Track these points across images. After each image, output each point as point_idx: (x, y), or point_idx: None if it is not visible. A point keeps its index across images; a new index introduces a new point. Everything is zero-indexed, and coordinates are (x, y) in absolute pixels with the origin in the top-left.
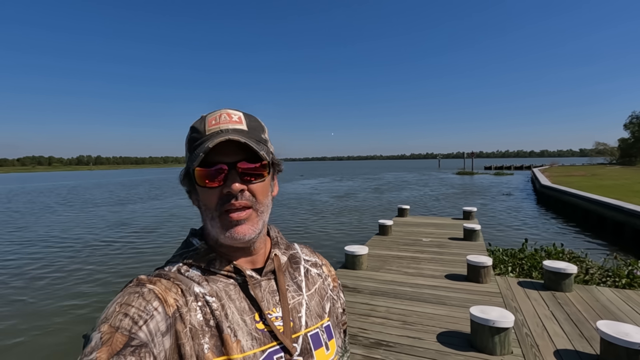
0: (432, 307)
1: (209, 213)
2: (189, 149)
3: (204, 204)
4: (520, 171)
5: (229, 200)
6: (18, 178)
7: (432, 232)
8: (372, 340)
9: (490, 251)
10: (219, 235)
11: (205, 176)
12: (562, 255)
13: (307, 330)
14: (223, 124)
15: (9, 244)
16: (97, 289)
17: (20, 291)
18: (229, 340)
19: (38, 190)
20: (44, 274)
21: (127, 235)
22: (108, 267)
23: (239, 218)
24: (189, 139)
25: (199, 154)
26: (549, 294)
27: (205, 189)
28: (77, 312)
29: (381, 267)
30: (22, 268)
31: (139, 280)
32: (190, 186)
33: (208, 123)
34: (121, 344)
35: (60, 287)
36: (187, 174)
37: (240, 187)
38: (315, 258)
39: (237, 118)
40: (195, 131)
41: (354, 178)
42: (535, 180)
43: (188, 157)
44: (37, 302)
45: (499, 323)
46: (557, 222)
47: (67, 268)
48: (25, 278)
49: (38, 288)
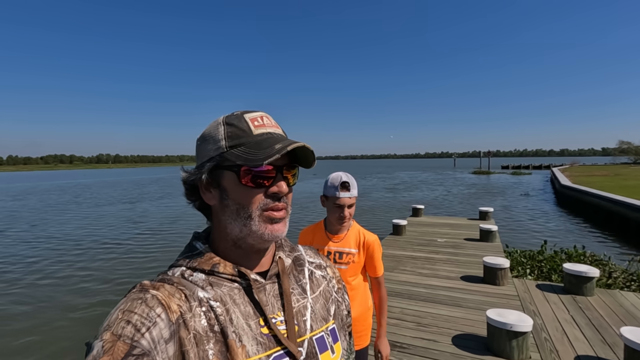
0: (448, 308)
1: (246, 212)
2: (229, 146)
3: (241, 203)
4: (539, 171)
5: (273, 201)
6: (41, 176)
7: (447, 232)
8: None
9: (507, 253)
10: (254, 234)
11: (258, 176)
12: (584, 258)
13: (312, 333)
14: (268, 127)
15: (20, 241)
16: (104, 287)
17: (26, 290)
18: (234, 346)
19: (59, 187)
20: (56, 272)
21: (138, 235)
22: (115, 267)
23: (280, 217)
24: (227, 134)
25: (268, 153)
26: (569, 298)
27: (249, 188)
28: (81, 316)
29: (395, 268)
30: (37, 265)
31: (142, 285)
32: (213, 183)
33: (251, 123)
34: (122, 353)
35: (72, 286)
36: (215, 171)
37: (287, 190)
38: (319, 259)
39: (274, 123)
40: (234, 127)
41: (367, 177)
42: (554, 180)
43: (223, 152)
44: (45, 301)
45: (516, 327)
46: (578, 224)
47: (76, 266)
48: (43, 274)
49: (48, 285)
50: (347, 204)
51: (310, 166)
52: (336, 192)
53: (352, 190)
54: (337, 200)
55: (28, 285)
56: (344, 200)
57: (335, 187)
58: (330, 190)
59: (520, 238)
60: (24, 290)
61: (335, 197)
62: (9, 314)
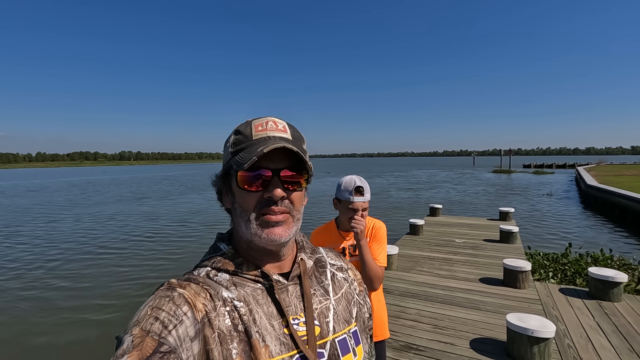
0: (466, 311)
1: (246, 215)
2: (233, 152)
3: (242, 206)
4: (563, 170)
5: (268, 205)
6: (66, 172)
7: (466, 232)
8: (402, 343)
9: (529, 255)
10: (255, 236)
11: (249, 180)
12: (611, 262)
13: (334, 335)
14: (270, 131)
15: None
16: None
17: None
18: (257, 345)
19: (86, 182)
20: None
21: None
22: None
23: (277, 220)
24: (233, 141)
25: (250, 157)
26: (595, 303)
27: (245, 191)
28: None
29: (412, 268)
30: (58, 261)
31: (170, 284)
32: (225, 187)
33: (254, 128)
34: (151, 349)
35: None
36: (225, 175)
37: (281, 194)
38: (340, 262)
39: (282, 127)
40: (240, 134)
41: (383, 175)
42: (579, 179)
43: (230, 159)
44: (68, 296)
45: (538, 332)
46: (605, 226)
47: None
48: (60, 271)
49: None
50: (362, 208)
51: (303, 170)
52: (350, 197)
53: (366, 195)
54: (350, 205)
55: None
56: (357, 205)
57: (349, 192)
58: (343, 194)
59: (542, 240)
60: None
61: (348, 202)
62: (40, 306)
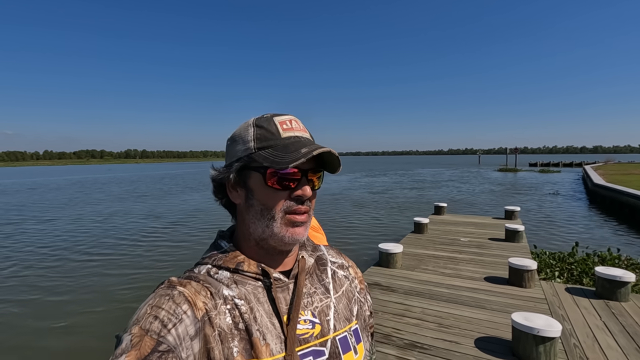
0: (471, 310)
1: (270, 214)
2: (258, 147)
3: (265, 204)
4: (570, 168)
5: (295, 205)
6: (72, 170)
7: (471, 231)
8: (407, 342)
9: (535, 254)
10: (275, 236)
11: (282, 178)
12: (619, 262)
13: (335, 333)
14: (296, 130)
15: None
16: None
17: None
18: (258, 344)
19: (94, 181)
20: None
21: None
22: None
23: (301, 220)
24: (257, 136)
25: (294, 157)
26: (602, 303)
27: (273, 190)
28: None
29: (416, 267)
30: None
31: (170, 282)
32: (239, 182)
33: (280, 126)
34: (149, 348)
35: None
36: (242, 170)
37: (310, 193)
38: (341, 260)
39: (303, 127)
40: (263, 129)
41: (387, 173)
42: (586, 178)
43: (251, 153)
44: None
45: (544, 332)
46: (612, 226)
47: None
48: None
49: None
50: None
51: (335, 171)
52: None
53: None
54: None
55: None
56: None
57: None
58: None
59: (548, 239)
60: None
61: None
62: (41, 301)
